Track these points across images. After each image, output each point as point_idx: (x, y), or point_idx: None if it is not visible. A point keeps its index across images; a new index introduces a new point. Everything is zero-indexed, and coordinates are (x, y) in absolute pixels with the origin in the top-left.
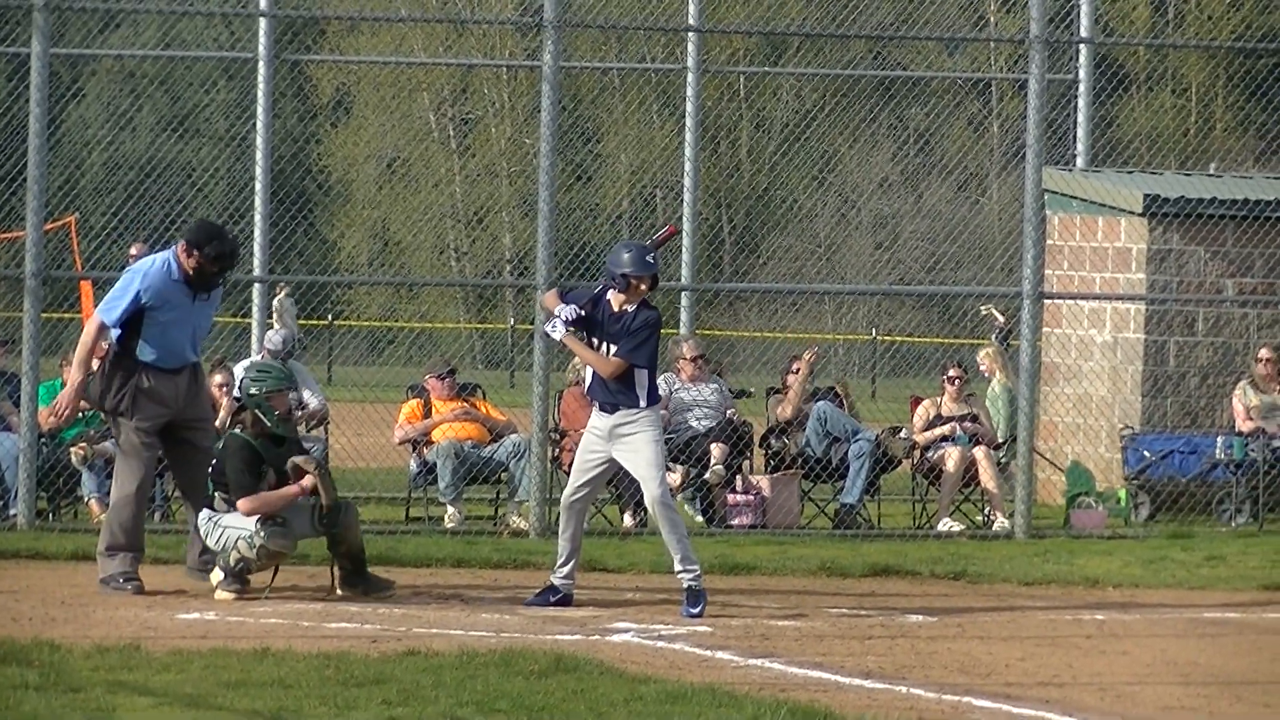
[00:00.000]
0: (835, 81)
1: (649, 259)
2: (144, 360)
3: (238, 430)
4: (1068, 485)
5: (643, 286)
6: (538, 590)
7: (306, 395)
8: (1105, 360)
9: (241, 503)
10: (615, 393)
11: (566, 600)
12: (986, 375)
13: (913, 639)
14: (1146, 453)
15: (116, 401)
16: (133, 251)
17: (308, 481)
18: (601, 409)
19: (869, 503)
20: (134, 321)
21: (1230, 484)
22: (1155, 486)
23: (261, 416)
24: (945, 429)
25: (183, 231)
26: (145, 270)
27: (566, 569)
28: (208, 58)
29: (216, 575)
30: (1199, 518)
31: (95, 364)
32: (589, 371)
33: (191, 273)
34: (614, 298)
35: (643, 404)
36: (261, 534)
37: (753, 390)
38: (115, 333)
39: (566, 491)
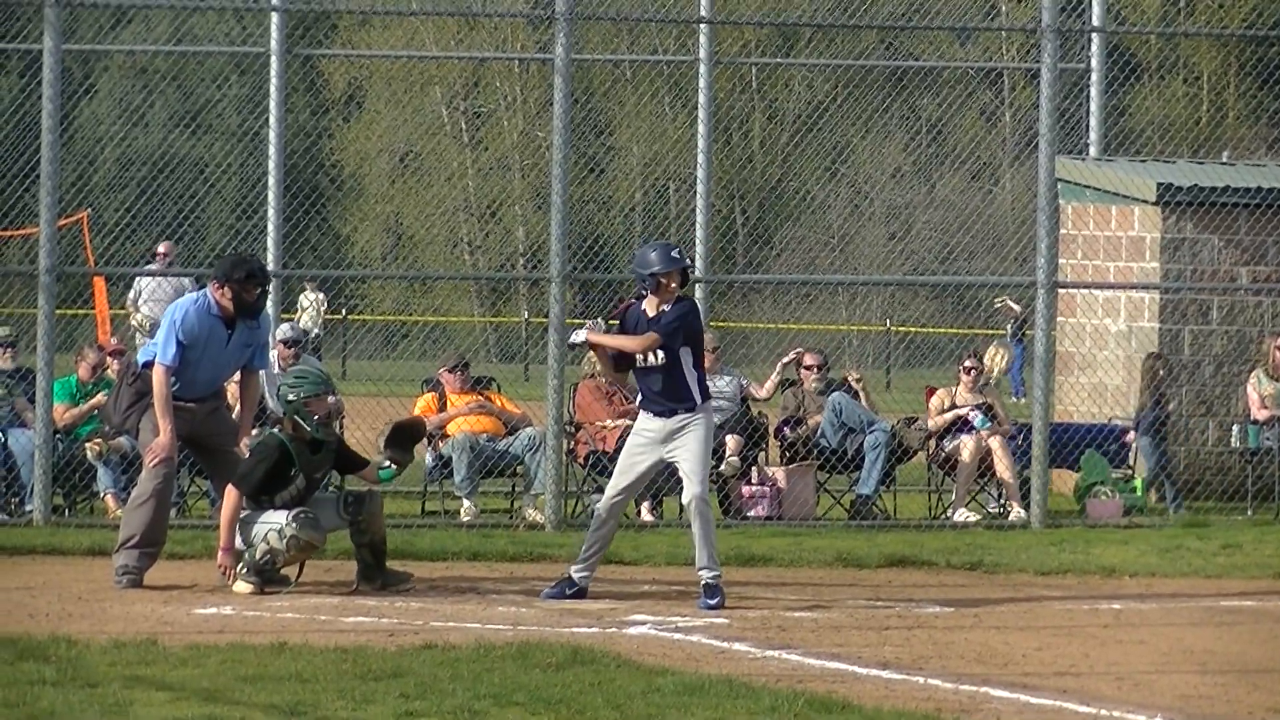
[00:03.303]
0: (847, 72)
1: (675, 254)
2: None
3: (277, 431)
4: (1083, 475)
5: (673, 285)
6: (554, 582)
7: None
8: (1120, 349)
9: (231, 490)
10: (670, 398)
11: (582, 593)
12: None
13: (929, 629)
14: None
15: (123, 419)
16: (160, 249)
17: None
18: (658, 414)
19: (884, 493)
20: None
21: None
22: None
23: (301, 422)
24: (963, 412)
25: (213, 271)
26: (185, 307)
27: (588, 564)
28: (219, 53)
29: (240, 585)
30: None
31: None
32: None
33: (232, 305)
34: (648, 304)
35: (698, 400)
36: (292, 524)
37: None
38: (141, 359)
39: (609, 491)
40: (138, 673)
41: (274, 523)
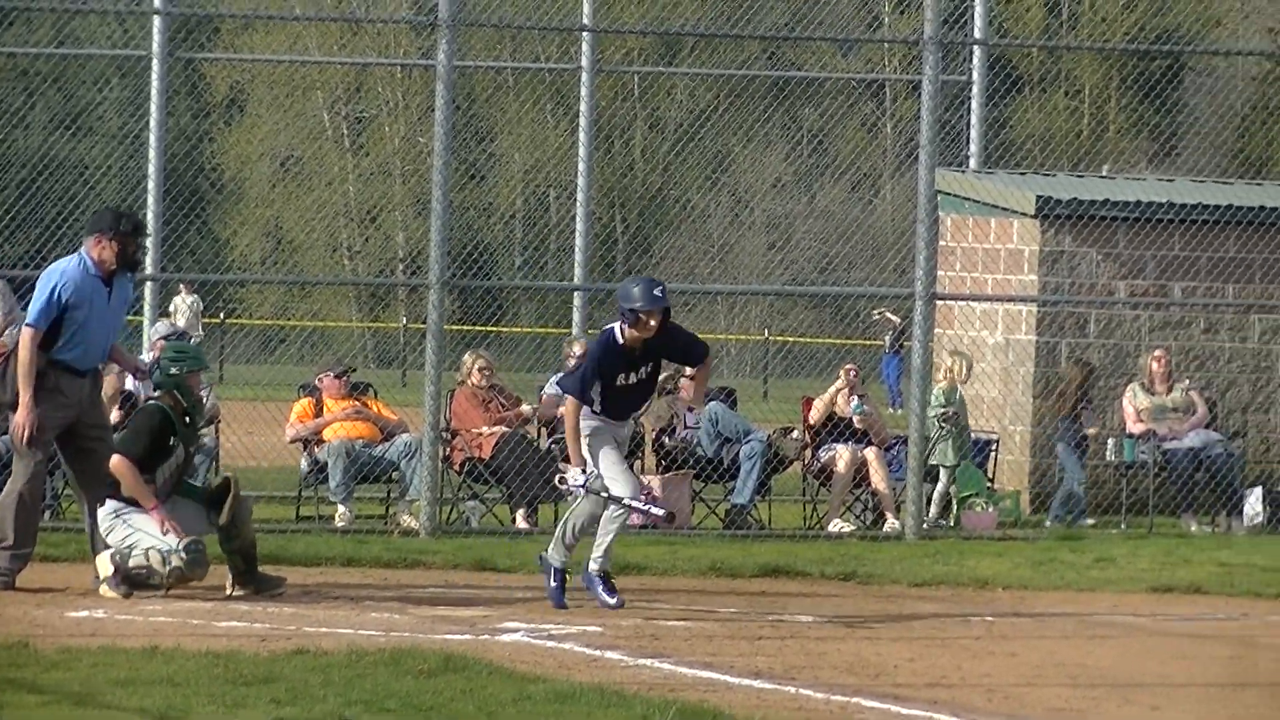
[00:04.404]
0: (729, 81)
1: (657, 293)
2: (59, 359)
3: (156, 400)
4: (959, 487)
5: (652, 323)
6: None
7: None
8: (997, 362)
9: (116, 460)
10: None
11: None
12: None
13: (802, 639)
14: None
15: (15, 397)
16: None
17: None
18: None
19: (760, 503)
20: (54, 322)
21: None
22: None
23: (180, 397)
24: (842, 402)
25: (87, 228)
26: (62, 269)
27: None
28: (101, 55)
29: (104, 565)
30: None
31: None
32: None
33: (116, 259)
34: (627, 335)
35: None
36: (181, 554)
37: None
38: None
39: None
40: (9, 675)
41: (157, 540)
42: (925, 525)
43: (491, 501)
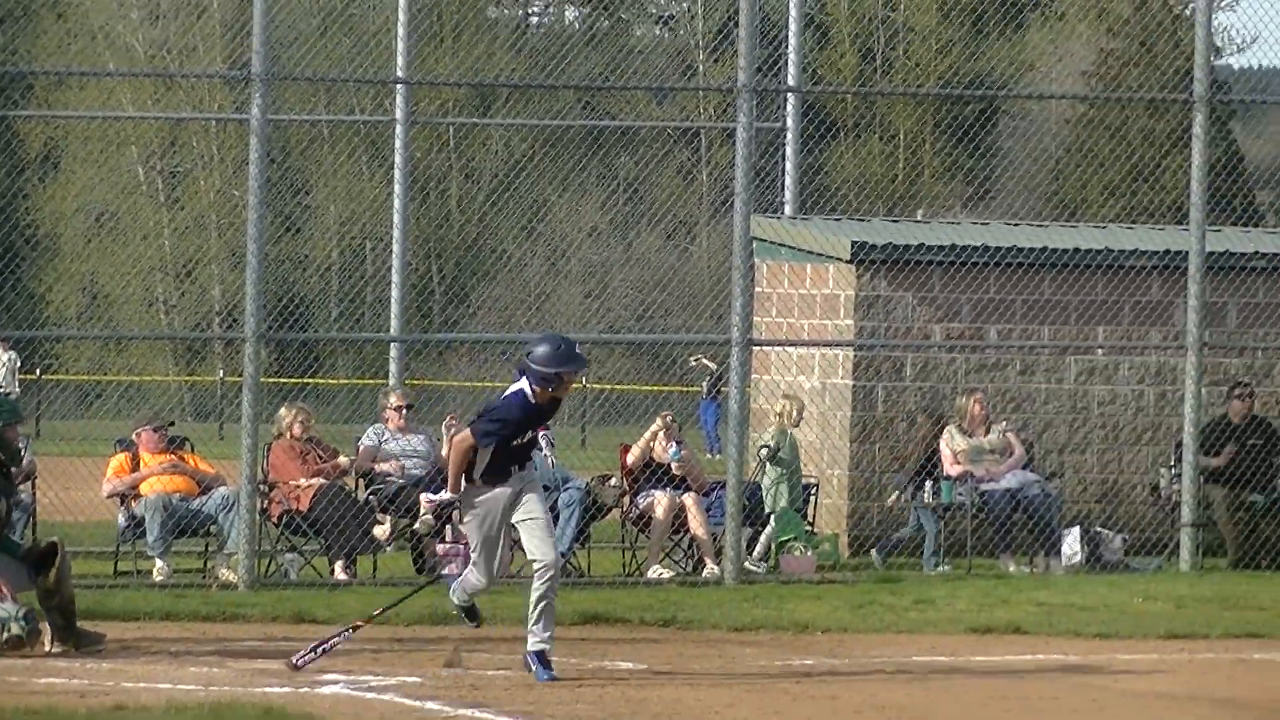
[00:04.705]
0: (545, 131)
1: (578, 351)
2: None
3: None
4: (777, 531)
5: (571, 382)
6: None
7: None
8: (814, 406)
9: None
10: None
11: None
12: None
13: (622, 686)
14: None
15: None
16: None
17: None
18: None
19: (579, 551)
20: None
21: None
22: None
23: None
24: (659, 446)
25: None
26: None
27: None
28: None
29: None
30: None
31: None
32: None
33: None
34: (540, 394)
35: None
36: (22, 625)
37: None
38: None
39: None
40: None
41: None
42: (749, 568)
43: (310, 553)
